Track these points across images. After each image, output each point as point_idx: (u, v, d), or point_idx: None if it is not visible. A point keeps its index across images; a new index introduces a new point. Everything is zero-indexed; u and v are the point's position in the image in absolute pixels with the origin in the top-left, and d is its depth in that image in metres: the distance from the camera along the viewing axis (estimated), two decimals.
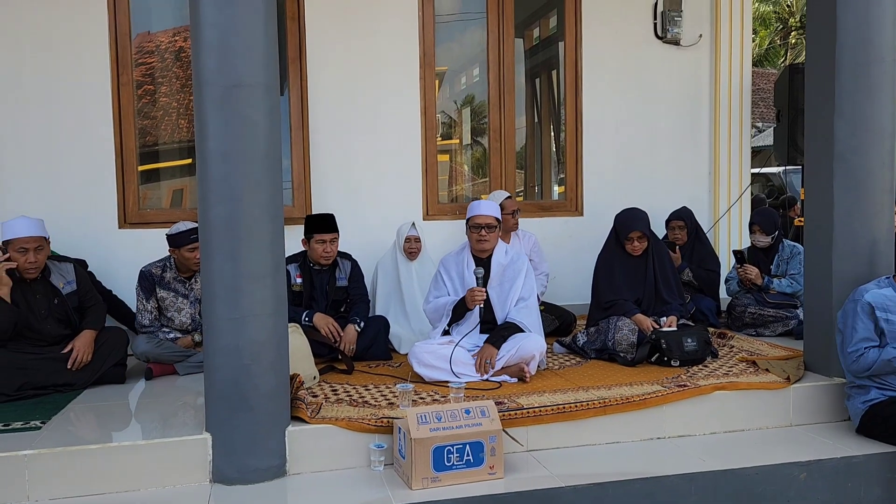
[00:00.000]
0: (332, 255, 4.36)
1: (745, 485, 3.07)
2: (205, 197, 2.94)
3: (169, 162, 5.57)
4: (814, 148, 3.83)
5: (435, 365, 3.76)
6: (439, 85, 6.08)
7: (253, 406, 2.96)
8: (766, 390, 3.58)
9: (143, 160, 5.18)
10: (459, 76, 6.47)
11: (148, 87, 5.27)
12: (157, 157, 5.47)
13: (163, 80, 5.34)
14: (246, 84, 2.90)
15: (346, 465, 3.11)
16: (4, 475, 2.81)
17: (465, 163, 6.86)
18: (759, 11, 20.67)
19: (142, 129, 5.18)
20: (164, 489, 2.93)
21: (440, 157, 5.86)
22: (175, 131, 5.46)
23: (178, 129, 5.45)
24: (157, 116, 5.36)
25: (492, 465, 2.98)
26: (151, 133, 5.33)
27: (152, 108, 5.31)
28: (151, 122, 5.32)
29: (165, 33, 5.36)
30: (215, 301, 2.95)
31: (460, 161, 6.85)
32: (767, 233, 5.02)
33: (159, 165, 5.51)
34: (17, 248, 3.68)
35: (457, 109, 6.66)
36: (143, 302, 4.22)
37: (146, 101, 5.25)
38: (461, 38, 6.07)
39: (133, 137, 5.05)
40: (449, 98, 6.40)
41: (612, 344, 4.12)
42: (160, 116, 5.37)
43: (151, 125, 5.32)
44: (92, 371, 3.80)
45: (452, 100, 6.51)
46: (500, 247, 4.08)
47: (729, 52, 6.01)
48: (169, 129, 5.44)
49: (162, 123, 5.40)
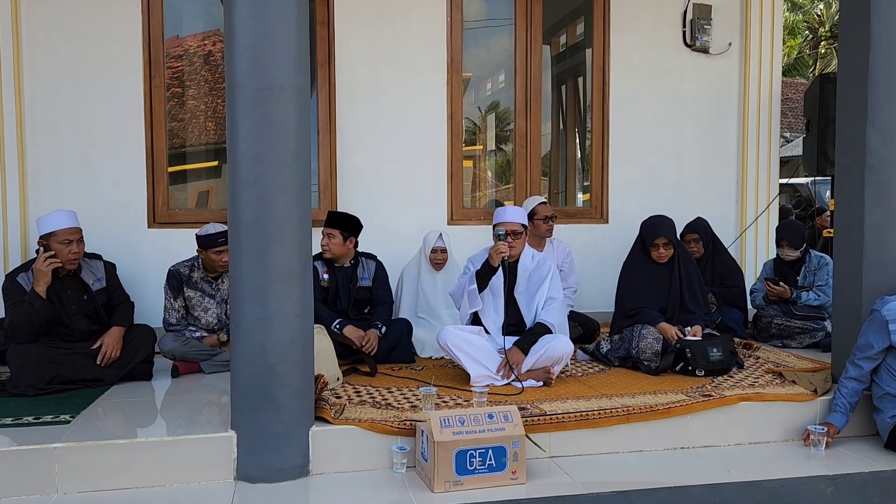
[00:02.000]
0: (329, 249, 4.38)
1: (771, 497, 3.03)
2: (235, 198, 2.98)
3: (196, 164, 5.64)
4: (845, 159, 3.79)
5: (464, 349, 3.79)
6: (465, 91, 6.10)
7: (278, 405, 2.98)
8: (793, 402, 3.54)
9: (170, 162, 5.26)
10: (485, 82, 6.49)
11: (176, 89, 5.34)
12: (183, 158, 5.55)
13: (191, 83, 5.42)
14: (277, 87, 2.93)
15: (369, 466, 3.13)
16: (35, 467, 2.86)
17: (489, 169, 6.87)
18: (788, 21, 20.49)
19: (169, 130, 5.26)
20: (189, 485, 2.96)
21: (464, 162, 5.87)
22: (202, 134, 5.53)
23: (205, 132, 5.53)
24: (185, 119, 5.44)
25: (514, 470, 2.97)
26: (178, 135, 5.41)
27: (180, 110, 5.39)
28: (179, 125, 5.40)
29: (195, 37, 5.44)
30: (243, 301, 2.98)
31: (483, 167, 6.86)
32: (796, 247, 4.97)
33: (186, 167, 5.58)
34: (60, 241, 3.74)
35: (481, 116, 6.67)
36: (171, 301, 4.27)
37: (174, 104, 5.33)
38: (487, 44, 6.08)
39: (164, 138, 5.13)
40: (473, 104, 6.41)
41: (637, 352, 4.10)
42: (188, 119, 5.45)
43: (179, 127, 5.40)
44: (120, 367, 3.86)
45: (477, 106, 6.53)
46: (526, 252, 4.08)
47: (759, 61, 5.96)
48: (196, 131, 5.52)
49: (189, 126, 5.48)
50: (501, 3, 5.81)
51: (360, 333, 4.27)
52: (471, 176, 6.53)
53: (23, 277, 3.75)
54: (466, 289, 3.95)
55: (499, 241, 3.88)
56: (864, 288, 3.67)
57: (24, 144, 4.84)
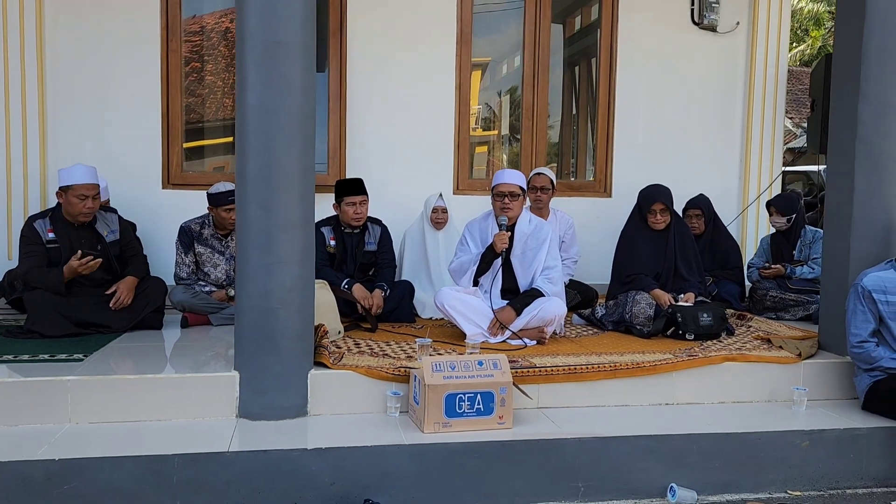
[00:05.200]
0: (362, 216, 4.53)
1: (747, 448, 3.16)
2: (242, 149, 3.13)
3: (212, 140, 5.78)
4: (838, 130, 3.88)
5: (459, 309, 3.93)
6: (481, 76, 6.20)
7: (279, 347, 3.14)
8: (777, 364, 3.65)
9: (186, 137, 5.41)
10: (501, 65, 6.53)
11: (195, 64, 5.48)
12: (201, 134, 5.70)
13: (209, 58, 5.56)
14: (284, 42, 3.07)
15: (364, 409, 3.29)
16: (50, 398, 3.04)
17: (504, 153, 6.94)
18: (812, 11, 20.26)
19: (187, 106, 5.41)
20: (194, 421, 3.13)
21: (478, 148, 5.97)
22: (219, 109, 5.67)
23: (222, 108, 5.67)
24: (203, 94, 5.58)
25: (501, 415, 3.12)
26: (196, 111, 5.55)
27: (198, 86, 5.53)
28: (197, 100, 5.54)
29: (213, 15, 5.58)
30: (248, 247, 3.14)
31: (498, 154, 6.92)
32: (783, 213, 5.06)
33: (203, 143, 5.73)
34: (77, 195, 3.90)
35: (498, 101, 6.70)
36: (182, 256, 4.44)
37: (192, 79, 5.47)
38: (506, 29, 6.12)
39: (179, 101, 5.29)
40: (490, 88, 6.47)
41: (630, 317, 4.22)
42: (205, 94, 5.59)
43: (196, 103, 5.54)
44: (132, 315, 4.03)
45: (496, 90, 6.57)
46: (524, 215, 4.19)
47: (766, 40, 6.01)
48: (213, 107, 5.66)
49: (207, 101, 5.62)
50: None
51: (366, 293, 4.42)
52: (485, 161, 6.61)
53: (39, 224, 3.94)
54: (469, 270, 4.10)
55: (502, 232, 3.99)
56: (853, 256, 3.77)
57: (44, 102, 5.03)
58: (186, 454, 2.76)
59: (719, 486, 3.13)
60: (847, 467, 3.25)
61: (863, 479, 3.25)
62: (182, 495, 2.73)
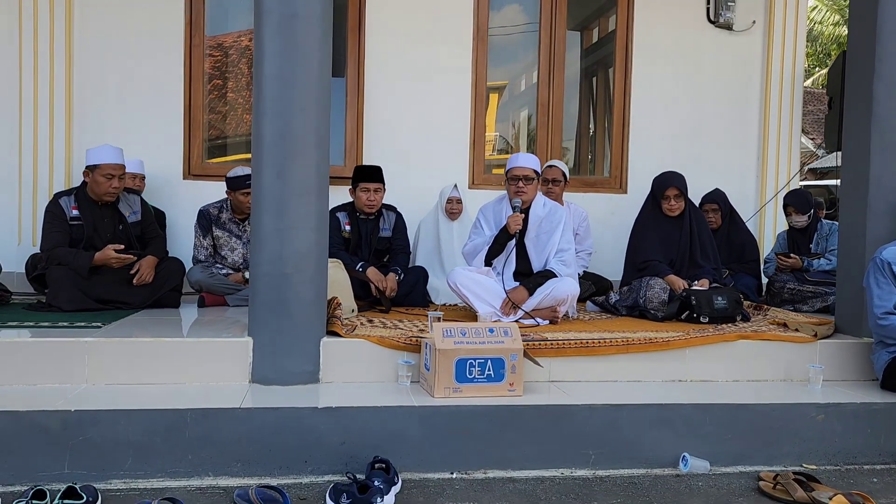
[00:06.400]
0: (375, 203, 4.58)
1: (761, 420, 3.12)
2: (258, 117, 3.20)
3: (233, 156, 5.85)
4: (853, 110, 3.87)
5: (471, 288, 3.95)
6: (498, 99, 6.25)
7: (292, 312, 3.18)
8: (792, 343, 3.62)
9: (208, 154, 5.53)
10: (519, 83, 6.54)
11: (217, 81, 5.60)
12: (223, 150, 5.81)
13: (230, 75, 5.69)
14: (301, 15, 3.15)
15: (375, 378, 3.30)
16: (68, 358, 3.09)
17: None
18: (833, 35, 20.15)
19: (208, 122, 5.52)
20: (208, 385, 3.16)
21: (495, 170, 6.01)
22: (239, 125, 5.77)
23: (242, 124, 5.77)
24: (223, 111, 5.70)
25: (512, 382, 3.12)
26: (216, 127, 5.66)
27: (218, 103, 5.65)
28: (217, 117, 5.65)
29: (231, 35, 5.69)
30: (263, 213, 3.19)
31: None
32: (802, 212, 5.04)
33: (226, 159, 5.78)
34: (104, 174, 4.01)
35: (514, 131, 6.70)
36: (200, 238, 4.52)
37: (214, 97, 5.59)
38: (523, 53, 6.15)
39: (201, 95, 5.42)
40: (507, 107, 6.52)
41: (644, 301, 4.21)
42: (226, 111, 5.71)
43: (217, 119, 5.65)
44: (151, 292, 4.10)
45: (513, 111, 6.57)
46: (538, 199, 4.22)
47: (782, 38, 6.03)
48: (234, 123, 5.76)
49: (228, 118, 5.73)
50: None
51: (380, 275, 4.45)
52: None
53: (64, 201, 4.04)
54: (482, 251, 4.12)
55: (516, 214, 4.02)
56: (868, 235, 3.74)
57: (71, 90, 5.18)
58: (199, 409, 2.78)
59: (732, 458, 3.08)
60: (864, 442, 3.19)
61: (881, 454, 3.19)
62: (193, 450, 2.76)
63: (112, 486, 2.68)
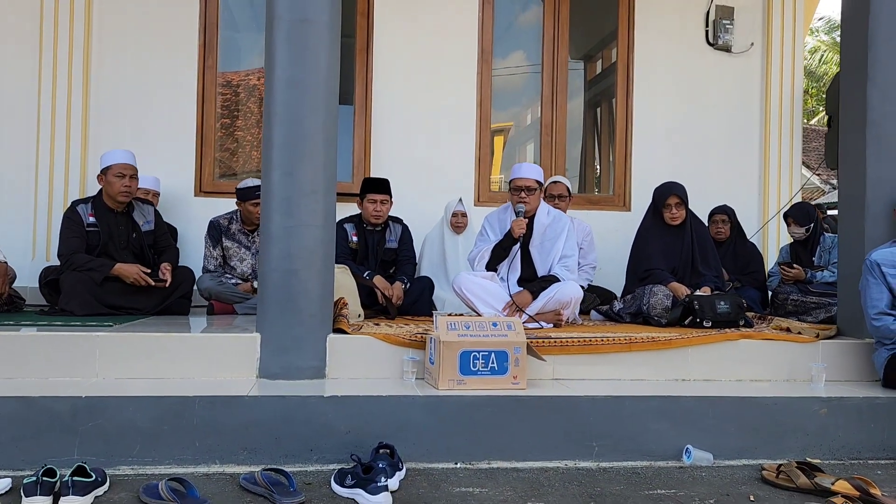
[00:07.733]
0: (381, 214, 4.66)
1: (764, 414, 3.14)
2: (269, 119, 3.31)
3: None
4: (848, 116, 3.96)
5: (476, 292, 3.99)
6: (504, 141, 6.39)
7: (299, 308, 3.24)
8: (794, 343, 3.64)
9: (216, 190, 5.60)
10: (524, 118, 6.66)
11: (224, 120, 5.76)
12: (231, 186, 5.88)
13: (239, 113, 5.84)
14: (311, 20, 3.28)
15: (381, 374, 3.34)
16: (79, 352, 3.15)
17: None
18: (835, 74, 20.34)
19: (217, 159, 5.66)
20: (216, 379, 3.21)
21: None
22: (247, 162, 5.90)
23: (249, 160, 5.89)
24: (232, 148, 5.84)
25: (515, 375, 3.15)
26: (225, 164, 5.79)
27: (227, 139, 5.79)
28: (226, 154, 5.78)
29: (240, 73, 5.86)
30: (272, 211, 3.28)
31: None
32: (801, 224, 5.10)
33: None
34: (115, 173, 4.13)
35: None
36: (210, 249, 4.61)
37: (222, 134, 5.73)
38: (526, 100, 6.31)
39: (213, 115, 5.56)
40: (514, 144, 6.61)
41: (647, 308, 4.24)
42: (235, 148, 5.86)
43: (226, 156, 5.78)
44: (161, 298, 4.17)
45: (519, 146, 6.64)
46: (542, 207, 4.30)
47: (780, 60, 6.17)
48: (241, 160, 5.89)
49: (236, 154, 5.87)
50: None
51: (387, 283, 4.52)
52: None
53: (82, 208, 4.15)
54: (485, 257, 4.18)
55: (520, 218, 4.10)
56: (867, 239, 3.79)
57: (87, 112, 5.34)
58: (206, 396, 2.83)
59: (735, 451, 3.09)
60: (868, 437, 3.19)
61: (885, 449, 3.19)
62: (201, 436, 2.80)
63: (120, 471, 2.72)
